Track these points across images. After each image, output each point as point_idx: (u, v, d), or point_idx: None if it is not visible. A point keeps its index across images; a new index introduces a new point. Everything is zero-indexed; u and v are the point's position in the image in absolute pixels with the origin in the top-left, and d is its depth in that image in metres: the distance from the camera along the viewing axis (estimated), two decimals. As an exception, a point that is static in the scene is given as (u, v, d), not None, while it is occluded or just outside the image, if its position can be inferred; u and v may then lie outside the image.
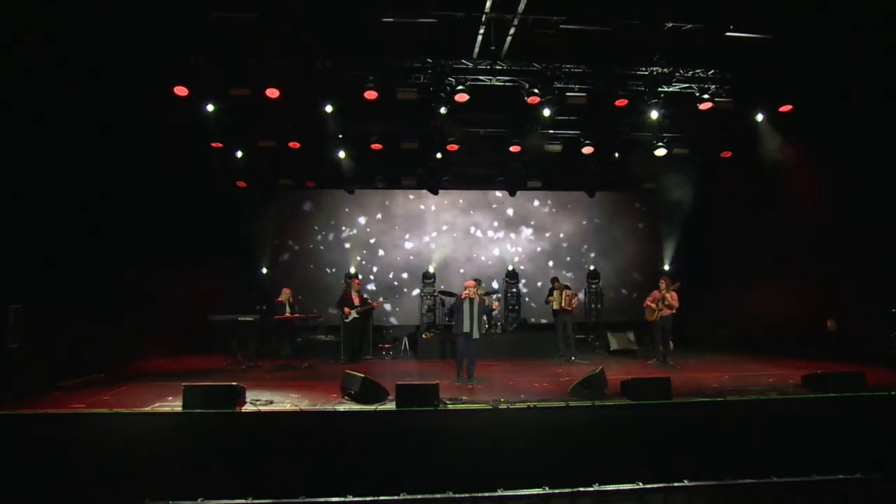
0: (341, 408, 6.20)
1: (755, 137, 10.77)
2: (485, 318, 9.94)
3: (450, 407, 6.29)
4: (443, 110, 9.81)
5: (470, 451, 5.84)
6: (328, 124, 10.56)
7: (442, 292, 12.51)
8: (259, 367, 9.49)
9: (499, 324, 12.27)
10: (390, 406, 6.21)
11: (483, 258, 14.82)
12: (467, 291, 8.35)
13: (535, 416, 6.18)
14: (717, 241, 13.31)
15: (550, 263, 14.93)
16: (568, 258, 15.02)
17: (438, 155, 12.06)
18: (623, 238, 15.19)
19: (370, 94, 9.38)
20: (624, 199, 15.33)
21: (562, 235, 15.10)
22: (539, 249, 14.99)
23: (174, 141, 10.49)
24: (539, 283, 14.81)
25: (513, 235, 15.02)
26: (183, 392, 6.00)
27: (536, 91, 9.69)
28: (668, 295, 9.81)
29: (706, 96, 9.93)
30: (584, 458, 5.89)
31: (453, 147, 11.57)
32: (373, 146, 11.60)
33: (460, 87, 9.53)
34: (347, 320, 10.25)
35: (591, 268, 14.46)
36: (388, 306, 13.44)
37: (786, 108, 9.92)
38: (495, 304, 9.48)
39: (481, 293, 8.54)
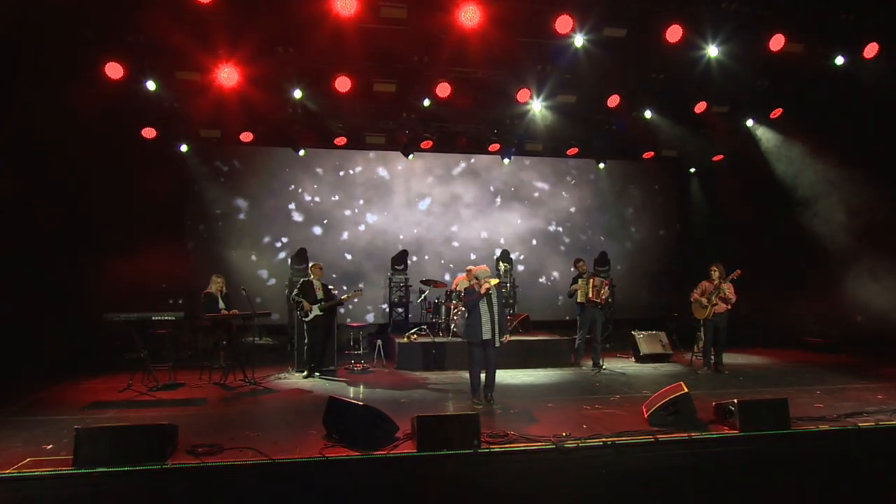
0: (334, 455, 4.87)
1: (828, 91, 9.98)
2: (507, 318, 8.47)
3: (495, 449, 5.05)
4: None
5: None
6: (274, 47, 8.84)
7: (424, 282, 11.04)
8: (183, 385, 8.09)
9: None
10: (408, 450, 5.04)
11: (466, 239, 13.85)
12: (486, 285, 6.87)
13: (616, 456, 5.25)
14: (747, 224, 12.74)
15: (550, 246, 14.20)
16: (570, 239, 14.38)
17: (427, 102, 10.55)
18: (637, 216, 14.71)
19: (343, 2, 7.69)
20: (639, 169, 14.65)
21: (563, 212, 14.41)
22: (535, 229, 14.20)
23: (49, 58, 8.34)
24: (540, 265, 14.02)
25: (503, 211, 14.11)
26: (74, 437, 4.53)
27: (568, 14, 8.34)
28: (724, 286, 8.95)
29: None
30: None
31: (445, 90, 10.05)
32: (336, 85, 9.88)
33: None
34: (308, 319, 8.69)
35: (600, 252, 13.78)
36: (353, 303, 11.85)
37: (872, 49, 9.02)
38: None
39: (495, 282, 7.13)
